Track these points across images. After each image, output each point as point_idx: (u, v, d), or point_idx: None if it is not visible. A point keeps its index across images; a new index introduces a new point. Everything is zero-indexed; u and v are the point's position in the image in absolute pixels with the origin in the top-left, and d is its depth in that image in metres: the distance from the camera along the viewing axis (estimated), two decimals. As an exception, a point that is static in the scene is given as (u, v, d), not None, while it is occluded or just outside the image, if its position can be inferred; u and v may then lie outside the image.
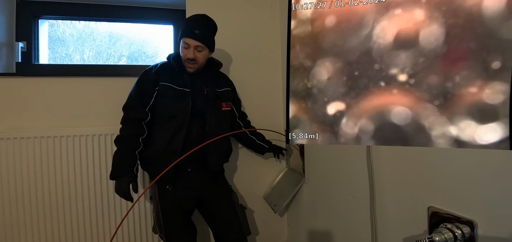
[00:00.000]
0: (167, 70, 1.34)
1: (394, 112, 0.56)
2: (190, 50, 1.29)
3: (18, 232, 1.41)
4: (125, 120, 1.30)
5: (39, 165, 1.43)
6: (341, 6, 0.61)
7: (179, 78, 1.33)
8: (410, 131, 0.55)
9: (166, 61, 1.38)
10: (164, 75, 1.32)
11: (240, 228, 1.37)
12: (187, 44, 1.29)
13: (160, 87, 1.30)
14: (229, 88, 1.47)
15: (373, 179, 0.96)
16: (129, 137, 1.27)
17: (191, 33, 1.28)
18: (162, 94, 1.30)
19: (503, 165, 0.58)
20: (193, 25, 1.29)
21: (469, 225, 0.63)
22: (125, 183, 1.22)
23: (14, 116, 1.47)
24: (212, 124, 1.34)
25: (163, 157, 1.27)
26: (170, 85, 1.31)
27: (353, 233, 1.10)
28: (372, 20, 0.58)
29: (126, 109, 1.31)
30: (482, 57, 0.48)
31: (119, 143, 1.27)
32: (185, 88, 1.32)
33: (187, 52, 1.29)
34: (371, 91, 0.58)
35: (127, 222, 1.54)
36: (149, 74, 1.33)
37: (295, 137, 0.66)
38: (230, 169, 1.69)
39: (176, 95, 1.30)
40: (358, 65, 0.59)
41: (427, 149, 0.73)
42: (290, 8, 0.65)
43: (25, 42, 1.57)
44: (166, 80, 1.31)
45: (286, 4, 0.68)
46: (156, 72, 1.33)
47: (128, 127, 1.28)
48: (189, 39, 1.28)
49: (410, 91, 0.54)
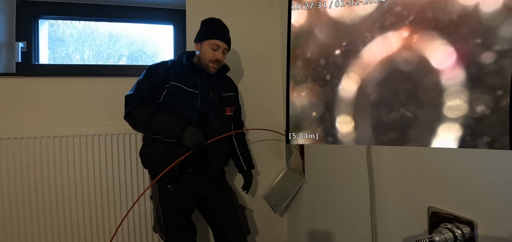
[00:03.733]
0: (177, 69, 1.32)
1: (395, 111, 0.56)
2: (219, 51, 1.31)
3: (18, 232, 1.41)
4: (143, 103, 1.25)
5: (39, 165, 1.43)
6: (341, 6, 0.61)
7: (189, 79, 1.31)
8: (410, 131, 0.55)
9: (176, 60, 1.37)
10: (175, 74, 1.30)
11: (240, 227, 1.37)
12: (217, 46, 1.31)
13: (170, 86, 1.28)
14: (233, 93, 1.47)
15: (373, 179, 0.96)
16: (156, 110, 1.25)
17: (222, 36, 1.32)
18: (171, 93, 1.28)
19: (503, 165, 0.58)
20: (223, 29, 1.34)
21: (469, 225, 0.63)
22: (193, 129, 1.21)
23: (14, 116, 1.48)
24: (214, 127, 1.34)
25: (166, 156, 1.26)
26: (180, 85, 1.29)
27: (353, 233, 1.10)
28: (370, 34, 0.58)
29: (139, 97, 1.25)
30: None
31: (152, 118, 1.22)
32: (194, 90, 1.31)
33: (217, 54, 1.31)
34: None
35: (127, 222, 1.54)
36: (160, 70, 1.30)
37: (295, 137, 0.66)
38: (230, 169, 1.69)
39: (186, 96, 1.29)
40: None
41: (427, 149, 0.73)
42: (290, 8, 0.65)
43: (25, 42, 1.57)
44: (176, 80, 1.29)
45: (286, 4, 0.68)
46: (167, 69, 1.31)
47: (152, 108, 1.25)
48: (220, 42, 1.31)
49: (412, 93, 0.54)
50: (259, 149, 1.77)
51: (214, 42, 1.30)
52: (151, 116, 1.23)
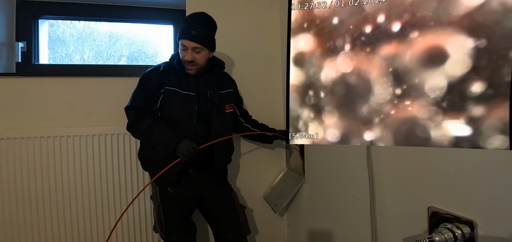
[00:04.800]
0: (171, 72, 1.30)
1: (395, 111, 0.56)
2: (187, 52, 1.24)
3: (18, 232, 1.41)
4: (140, 115, 1.27)
5: (39, 165, 1.43)
6: (341, 6, 0.61)
7: (183, 82, 1.30)
8: (410, 130, 0.55)
9: (169, 62, 1.35)
10: (169, 78, 1.28)
11: (239, 227, 1.37)
12: (184, 46, 1.25)
13: (165, 90, 1.27)
14: (231, 89, 1.45)
15: (373, 179, 0.96)
16: (158, 120, 1.25)
17: (188, 34, 1.23)
18: (167, 98, 1.27)
19: (503, 165, 0.58)
20: (190, 26, 1.24)
21: (469, 225, 0.63)
22: (185, 142, 1.19)
23: (14, 116, 1.47)
24: (217, 127, 1.33)
25: (167, 160, 1.25)
26: (176, 89, 1.28)
27: (353, 233, 1.10)
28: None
29: (135, 109, 1.28)
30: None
31: (149, 131, 1.23)
32: (190, 92, 1.29)
33: (185, 54, 1.25)
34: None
35: (127, 222, 1.54)
36: (153, 76, 1.29)
37: (295, 137, 0.66)
38: (231, 169, 1.69)
39: (182, 99, 1.28)
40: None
41: (427, 149, 0.73)
42: (290, 8, 0.65)
43: (25, 42, 1.57)
44: (171, 84, 1.28)
45: (286, 4, 0.68)
46: (161, 74, 1.29)
47: (149, 119, 1.25)
48: (186, 41, 1.23)
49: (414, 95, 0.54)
50: (259, 149, 1.78)
51: (181, 43, 1.26)
52: (148, 130, 1.24)
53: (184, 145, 1.19)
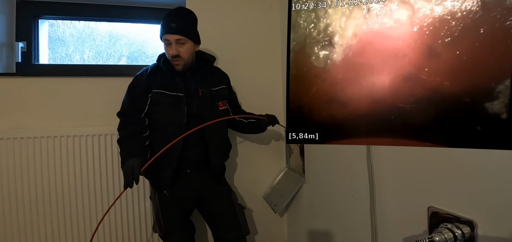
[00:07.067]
0: (158, 75, 1.28)
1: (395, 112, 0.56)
2: (171, 47, 1.22)
3: (18, 232, 1.41)
4: (124, 124, 1.27)
5: (39, 165, 1.43)
6: (341, 6, 0.61)
7: (171, 83, 1.28)
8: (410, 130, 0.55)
9: (156, 64, 1.33)
10: (155, 81, 1.27)
11: (239, 227, 1.37)
12: (167, 41, 1.23)
13: (153, 94, 1.26)
14: (224, 85, 1.42)
15: (373, 179, 0.96)
16: (134, 134, 1.25)
17: (168, 28, 1.21)
18: (155, 101, 1.26)
19: (503, 165, 0.58)
20: (169, 20, 1.22)
21: (469, 225, 0.63)
22: (137, 162, 1.15)
23: (14, 116, 1.47)
24: (212, 127, 1.31)
25: (162, 164, 1.25)
26: (163, 91, 1.26)
27: (353, 233, 1.10)
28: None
29: (122, 115, 1.29)
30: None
31: (123, 141, 1.24)
32: (178, 93, 1.27)
33: (169, 49, 1.23)
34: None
35: (127, 221, 1.54)
36: (139, 81, 1.28)
37: (295, 137, 0.66)
38: (230, 169, 1.69)
39: (170, 101, 1.26)
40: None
41: (427, 149, 0.73)
42: (290, 8, 0.65)
43: (25, 42, 1.57)
44: (158, 86, 1.26)
45: (286, 4, 0.68)
46: (147, 77, 1.27)
47: (128, 130, 1.26)
48: (168, 35, 1.22)
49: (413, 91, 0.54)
50: (259, 149, 1.78)
51: (164, 39, 1.24)
52: (120, 141, 1.25)
53: (126, 171, 1.14)
